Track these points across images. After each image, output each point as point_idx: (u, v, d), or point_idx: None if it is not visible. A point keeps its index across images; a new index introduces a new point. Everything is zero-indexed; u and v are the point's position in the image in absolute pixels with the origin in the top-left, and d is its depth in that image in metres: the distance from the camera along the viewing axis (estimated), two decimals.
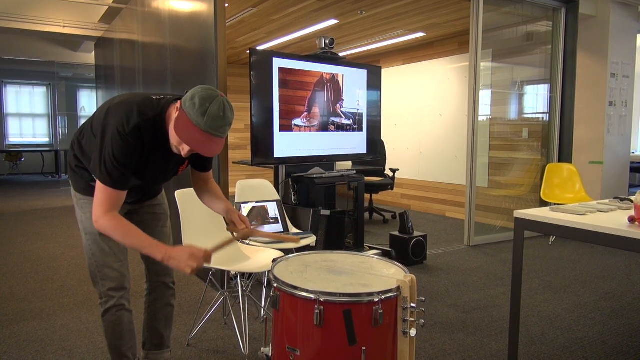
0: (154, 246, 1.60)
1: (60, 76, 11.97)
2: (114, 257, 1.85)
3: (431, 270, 4.04)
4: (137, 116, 1.60)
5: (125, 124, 1.58)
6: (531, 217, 2.26)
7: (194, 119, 1.51)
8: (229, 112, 1.55)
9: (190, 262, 1.53)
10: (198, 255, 1.55)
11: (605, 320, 2.98)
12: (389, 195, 7.48)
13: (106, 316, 1.84)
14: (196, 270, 1.54)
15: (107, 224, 1.59)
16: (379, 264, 1.72)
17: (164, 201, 2.11)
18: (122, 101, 1.67)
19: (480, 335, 2.73)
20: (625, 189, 5.75)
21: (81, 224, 1.88)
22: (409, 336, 1.47)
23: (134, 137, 1.59)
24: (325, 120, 4.08)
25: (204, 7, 3.52)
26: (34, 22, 6.77)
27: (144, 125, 1.60)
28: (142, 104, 1.64)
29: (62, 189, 9.65)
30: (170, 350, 2.20)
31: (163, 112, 1.65)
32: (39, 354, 2.48)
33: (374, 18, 5.47)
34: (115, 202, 1.62)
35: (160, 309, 2.10)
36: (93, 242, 1.83)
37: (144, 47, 5.19)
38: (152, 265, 2.06)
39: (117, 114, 1.62)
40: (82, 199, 1.86)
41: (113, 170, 1.58)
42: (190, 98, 1.53)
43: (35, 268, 4.04)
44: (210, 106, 1.50)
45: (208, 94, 1.53)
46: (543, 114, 5.56)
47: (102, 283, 1.84)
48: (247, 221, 1.81)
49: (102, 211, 1.60)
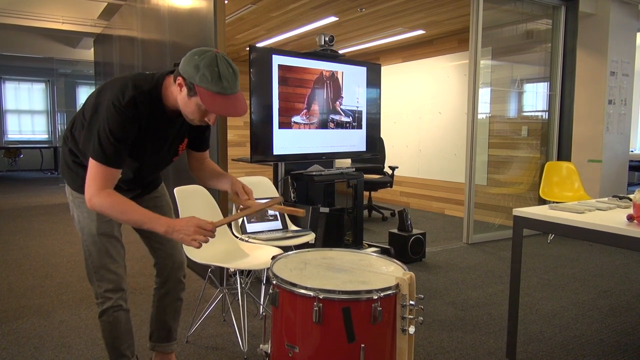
0: (155, 220, 1.53)
1: (59, 72, 11.94)
2: (111, 258, 1.80)
3: (430, 267, 4.04)
4: (133, 89, 1.55)
5: (121, 97, 1.53)
6: (530, 215, 2.27)
7: (213, 89, 1.47)
8: (233, 64, 1.53)
9: (196, 236, 1.49)
10: (205, 227, 1.50)
11: (603, 318, 2.98)
12: (388, 193, 7.48)
13: (103, 317, 1.82)
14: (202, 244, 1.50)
15: (103, 201, 1.52)
16: (377, 261, 1.72)
17: (165, 192, 2.06)
18: (115, 79, 1.63)
19: (478, 333, 2.74)
20: (624, 187, 5.75)
21: (78, 223, 1.83)
22: (407, 333, 1.47)
23: (131, 110, 1.53)
24: (324, 117, 4.08)
25: (203, 3, 3.52)
26: (33, 19, 6.76)
27: (140, 97, 1.55)
28: (136, 78, 1.60)
29: (60, 185, 9.65)
30: (177, 342, 2.20)
31: (159, 85, 1.61)
32: (38, 350, 2.48)
33: (374, 15, 5.46)
34: (110, 179, 1.55)
35: (170, 303, 2.08)
36: (91, 243, 1.79)
37: (143, 44, 5.18)
38: (163, 259, 2.02)
39: (111, 89, 1.57)
40: (78, 198, 1.78)
41: (108, 146, 1.51)
42: (195, 70, 1.48)
43: (34, 264, 4.04)
44: (219, 69, 1.48)
45: (209, 58, 1.48)
46: (542, 112, 5.56)
47: (98, 284, 1.81)
48: (250, 193, 1.79)
49: (95, 188, 1.52)
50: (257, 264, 2.47)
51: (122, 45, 6.18)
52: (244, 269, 2.77)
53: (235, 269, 2.58)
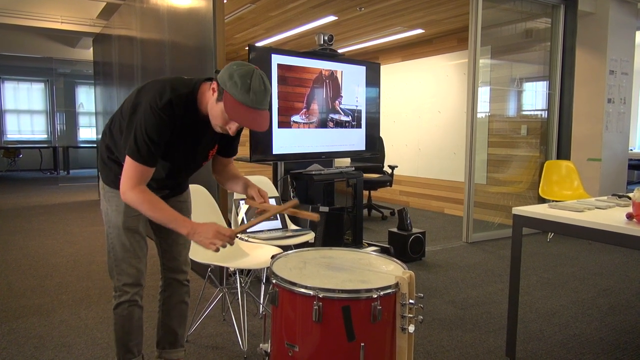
0: (180, 220, 1.61)
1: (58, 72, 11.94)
2: (133, 253, 1.85)
3: (429, 266, 4.04)
4: (170, 92, 1.60)
5: (158, 100, 1.58)
6: (529, 214, 2.27)
7: (240, 98, 1.52)
8: (267, 83, 1.58)
9: (215, 240, 1.55)
10: (224, 234, 1.57)
11: (602, 316, 2.99)
12: (388, 192, 7.48)
13: (118, 309, 1.86)
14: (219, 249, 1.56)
15: (135, 196, 1.61)
16: (377, 260, 1.72)
17: (189, 199, 2.11)
18: (154, 81, 1.69)
19: (478, 332, 2.74)
20: (624, 185, 5.76)
21: (105, 216, 1.88)
22: (407, 332, 1.47)
23: (167, 113, 1.59)
24: (324, 116, 4.08)
25: (202, 3, 3.51)
26: (32, 18, 6.75)
27: (176, 100, 1.60)
28: (175, 82, 1.65)
29: (60, 185, 9.65)
30: (185, 350, 2.20)
31: (195, 90, 1.65)
32: (38, 350, 2.48)
33: (373, 14, 5.46)
34: (143, 176, 1.63)
35: (174, 306, 2.10)
36: (115, 236, 1.84)
37: (142, 44, 5.17)
38: (167, 261, 2.06)
39: (149, 91, 1.63)
40: (109, 192, 1.85)
41: (143, 146, 1.58)
42: (228, 77, 1.53)
43: (33, 264, 4.04)
44: (251, 82, 1.52)
45: (245, 70, 1.54)
46: (542, 111, 5.57)
47: (117, 277, 1.85)
48: (266, 196, 1.85)
49: (130, 184, 1.61)
50: (256, 263, 2.47)
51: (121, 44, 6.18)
52: (243, 268, 2.77)
53: (235, 268, 2.58)
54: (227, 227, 1.58)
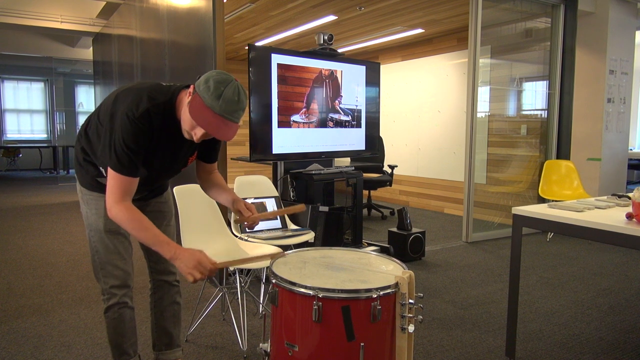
0: (164, 244, 1.55)
1: (57, 72, 11.93)
2: (117, 255, 1.82)
3: (429, 266, 4.04)
4: (147, 101, 1.57)
5: (135, 109, 1.55)
6: (529, 213, 2.27)
7: (208, 102, 1.48)
8: (243, 96, 1.53)
9: (194, 272, 1.48)
10: (204, 266, 1.49)
11: (602, 316, 2.99)
12: (387, 192, 7.48)
13: (108, 313, 1.84)
14: (198, 281, 1.50)
15: (120, 214, 1.56)
16: (377, 260, 1.72)
17: (170, 199, 2.08)
18: (131, 87, 1.65)
19: (478, 332, 2.74)
20: (623, 185, 5.76)
21: (86, 219, 1.85)
22: (407, 332, 1.47)
23: (144, 122, 1.55)
24: (323, 116, 4.08)
25: (202, 2, 3.51)
26: (32, 18, 6.75)
27: (153, 110, 1.57)
28: (152, 90, 1.62)
29: (59, 185, 9.64)
30: (182, 349, 2.19)
31: (173, 98, 1.62)
32: (38, 349, 2.48)
33: (373, 14, 5.46)
34: (128, 189, 1.59)
35: (166, 307, 2.09)
36: (98, 239, 1.81)
37: (142, 43, 5.17)
38: (154, 263, 2.05)
39: (126, 99, 1.59)
40: (87, 195, 1.83)
41: (123, 156, 1.55)
42: (204, 81, 1.50)
43: (33, 264, 4.04)
44: (225, 90, 1.48)
45: (223, 78, 1.51)
46: (541, 111, 5.57)
47: (104, 280, 1.83)
48: (253, 208, 1.81)
49: (114, 199, 1.56)
50: (256, 263, 2.47)
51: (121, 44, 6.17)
52: (243, 268, 2.77)
53: (234, 268, 2.58)
54: (210, 259, 1.51)
